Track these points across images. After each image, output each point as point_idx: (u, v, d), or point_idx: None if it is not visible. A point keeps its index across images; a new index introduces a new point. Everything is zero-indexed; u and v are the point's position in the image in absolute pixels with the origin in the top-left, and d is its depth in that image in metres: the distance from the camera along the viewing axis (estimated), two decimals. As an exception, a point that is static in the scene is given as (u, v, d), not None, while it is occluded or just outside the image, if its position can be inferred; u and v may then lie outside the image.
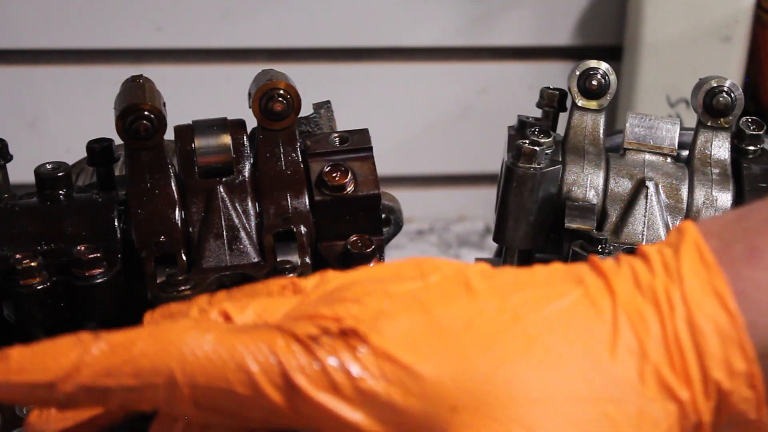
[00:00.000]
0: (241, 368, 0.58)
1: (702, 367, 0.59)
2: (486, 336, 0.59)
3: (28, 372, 0.59)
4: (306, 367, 0.58)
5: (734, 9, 1.53)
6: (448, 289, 0.61)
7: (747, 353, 0.59)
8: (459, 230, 1.74)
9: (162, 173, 0.84)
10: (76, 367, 0.58)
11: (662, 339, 0.59)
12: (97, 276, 0.80)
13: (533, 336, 0.59)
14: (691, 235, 0.61)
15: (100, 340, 0.59)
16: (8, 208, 0.84)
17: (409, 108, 1.68)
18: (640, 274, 0.61)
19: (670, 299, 0.59)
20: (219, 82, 1.61)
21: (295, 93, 0.84)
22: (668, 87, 1.58)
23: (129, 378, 0.58)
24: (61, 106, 1.62)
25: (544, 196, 0.88)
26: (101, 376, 0.58)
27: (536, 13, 1.63)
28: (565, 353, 0.59)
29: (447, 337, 0.59)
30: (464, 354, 0.58)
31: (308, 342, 0.58)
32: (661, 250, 0.62)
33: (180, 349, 0.58)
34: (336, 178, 0.85)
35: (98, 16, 1.57)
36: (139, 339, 0.59)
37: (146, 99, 0.82)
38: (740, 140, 0.92)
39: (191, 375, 0.58)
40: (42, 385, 0.59)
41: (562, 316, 0.60)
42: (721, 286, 0.59)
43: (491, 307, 0.60)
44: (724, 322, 0.59)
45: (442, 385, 0.58)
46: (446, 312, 0.60)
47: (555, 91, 0.96)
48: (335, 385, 0.58)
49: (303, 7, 1.59)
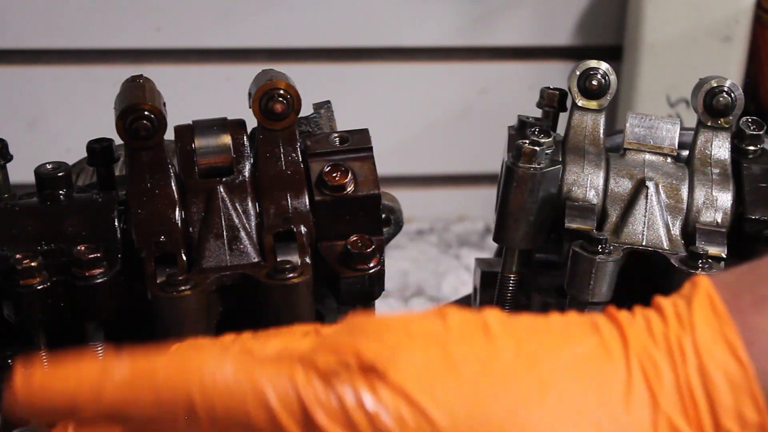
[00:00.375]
0: (260, 398, 0.58)
1: (714, 417, 0.59)
2: (501, 380, 0.59)
3: (50, 394, 0.59)
4: (324, 401, 0.58)
5: (734, 9, 1.53)
6: (467, 330, 0.61)
7: (758, 404, 0.59)
8: (459, 230, 1.74)
9: (162, 173, 0.84)
10: (98, 393, 0.59)
11: (675, 387, 0.59)
12: (97, 276, 0.80)
13: (548, 383, 0.59)
14: (703, 287, 0.62)
15: (123, 365, 0.59)
16: (8, 208, 0.84)
17: (409, 108, 1.68)
18: (654, 323, 0.61)
19: (682, 348, 0.60)
20: (219, 82, 1.61)
21: (295, 93, 0.84)
22: (668, 87, 1.58)
23: (150, 406, 0.58)
24: (61, 106, 1.62)
25: (544, 196, 0.88)
26: (122, 403, 0.58)
27: (536, 13, 1.63)
28: (580, 402, 0.59)
29: (463, 379, 0.59)
30: (479, 399, 0.58)
31: (328, 375, 0.58)
32: (674, 302, 0.62)
33: (200, 376, 0.58)
34: (336, 178, 0.85)
35: (98, 16, 1.58)
36: (161, 365, 0.59)
37: (146, 99, 0.82)
38: (740, 140, 0.92)
39: (210, 402, 0.58)
40: (63, 409, 0.59)
41: (578, 362, 0.60)
42: (731, 335, 0.59)
43: (508, 350, 0.60)
44: (735, 372, 0.59)
45: (456, 430, 0.58)
46: (463, 352, 0.60)
47: (555, 91, 0.96)
48: (352, 422, 0.58)
49: (303, 7, 1.59)
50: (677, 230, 0.88)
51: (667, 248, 0.87)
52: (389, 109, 1.67)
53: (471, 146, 1.69)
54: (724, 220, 0.89)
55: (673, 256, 0.85)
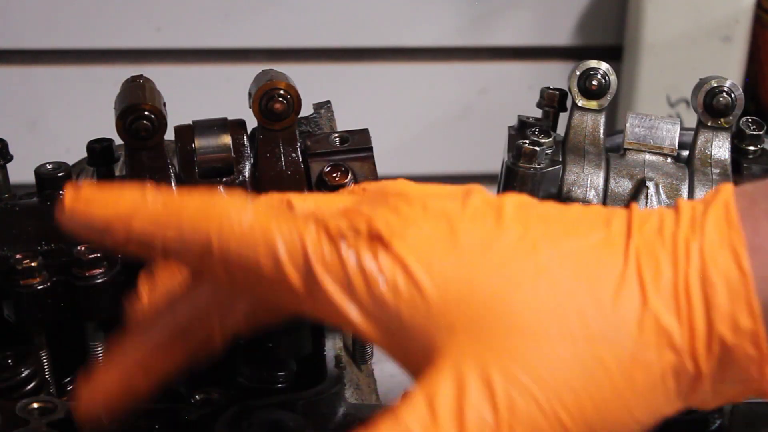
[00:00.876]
0: (270, 246, 0.62)
1: (708, 320, 0.59)
2: (499, 261, 0.61)
3: (92, 206, 0.64)
4: (328, 259, 0.61)
5: (734, 9, 1.53)
6: (481, 211, 0.63)
7: (754, 312, 0.59)
8: (459, 230, 1.73)
9: (162, 173, 0.83)
10: (131, 214, 0.63)
11: (672, 286, 0.60)
12: (98, 276, 0.80)
13: (543, 269, 0.60)
14: (723, 194, 0.63)
15: (158, 199, 0.64)
16: (8, 208, 0.84)
17: (409, 108, 1.68)
18: (666, 223, 0.62)
19: (688, 249, 0.60)
20: (219, 82, 1.61)
21: (296, 93, 0.84)
22: (668, 87, 1.58)
23: (173, 241, 0.63)
24: (61, 106, 1.62)
25: (544, 197, 0.88)
26: (148, 234, 0.63)
27: (536, 13, 1.63)
28: (570, 290, 0.60)
29: (462, 256, 0.61)
30: (473, 276, 0.60)
31: (336, 236, 0.62)
32: (693, 206, 0.63)
33: (220, 220, 0.62)
34: (336, 178, 0.85)
35: (98, 16, 1.58)
36: (190, 203, 0.64)
37: (146, 99, 0.82)
38: (740, 140, 0.92)
39: (226, 244, 0.62)
40: (100, 223, 0.64)
41: (578, 253, 0.61)
42: (738, 243, 0.60)
43: (512, 234, 0.62)
44: (735, 279, 0.59)
45: (446, 305, 0.60)
46: (469, 231, 0.62)
47: (555, 91, 0.96)
48: (350, 282, 0.61)
49: (303, 7, 1.59)
50: (677, 230, 0.88)
51: (667, 248, 0.87)
52: (389, 109, 1.67)
53: (471, 146, 1.69)
54: (724, 220, 0.89)
55: (673, 256, 0.85)
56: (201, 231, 0.63)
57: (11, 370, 0.82)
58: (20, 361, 0.83)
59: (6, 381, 0.82)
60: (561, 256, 0.61)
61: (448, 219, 0.63)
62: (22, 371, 0.82)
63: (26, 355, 0.83)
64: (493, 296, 0.60)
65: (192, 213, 0.63)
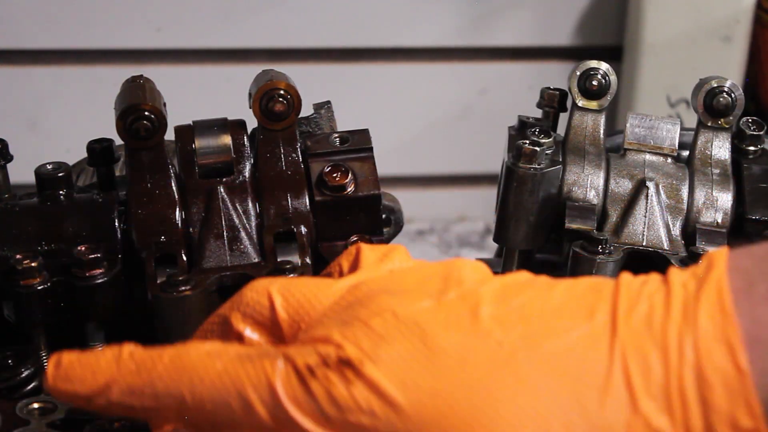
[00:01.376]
0: (242, 396, 0.62)
1: (706, 421, 0.57)
2: (477, 374, 0.59)
3: (72, 382, 0.65)
4: (299, 395, 0.61)
5: (734, 9, 1.53)
6: (455, 313, 0.62)
7: (754, 411, 0.57)
8: (459, 230, 1.73)
9: (162, 173, 0.84)
10: (108, 384, 0.65)
11: (664, 386, 0.58)
12: (98, 276, 0.80)
13: (523, 379, 0.59)
14: (717, 272, 0.60)
15: (132, 359, 0.65)
16: (8, 208, 0.84)
17: (409, 108, 1.68)
18: (656, 312, 0.60)
19: (681, 345, 0.58)
20: (219, 82, 1.61)
21: (296, 93, 0.84)
22: (668, 87, 1.58)
23: (149, 399, 0.64)
24: (61, 106, 1.62)
25: (544, 197, 0.88)
26: (127, 395, 0.64)
27: (536, 13, 1.63)
28: (553, 398, 0.58)
29: (439, 372, 0.60)
30: (450, 394, 0.59)
31: (306, 374, 0.61)
32: (685, 284, 0.61)
33: (191, 377, 0.64)
34: (336, 178, 0.85)
35: (98, 16, 1.57)
36: (160, 364, 0.64)
37: (146, 99, 0.82)
38: (740, 140, 0.92)
39: (199, 398, 0.63)
40: (81, 398, 0.65)
41: (559, 356, 0.59)
42: (733, 336, 0.58)
43: (490, 341, 0.60)
44: (732, 377, 0.57)
45: (424, 424, 0.59)
46: (445, 342, 0.61)
47: (555, 92, 0.96)
48: (326, 417, 0.60)
49: (303, 7, 1.59)
50: (677, 230, 0.88)
51: (667, 248, 0.87)
52: (389, 109, 1.67)
53: (471, 146, 1.69)
54: (725, 220, 0.89)
55: (674, 256, 0.85)
56: (174, 391, 0.64)
57: (11, 370, 0.82)
58: (20, 361, 0.83)
59: (6, 381, 0.82)
60: (541, 360, 0.59)
61: (421, 330, 0.61)
62: (22, 371, 0.82)
63: (26, 355, 0.83)
64: (472, 412, 0.58)
65: (163, 374, 0.64)
